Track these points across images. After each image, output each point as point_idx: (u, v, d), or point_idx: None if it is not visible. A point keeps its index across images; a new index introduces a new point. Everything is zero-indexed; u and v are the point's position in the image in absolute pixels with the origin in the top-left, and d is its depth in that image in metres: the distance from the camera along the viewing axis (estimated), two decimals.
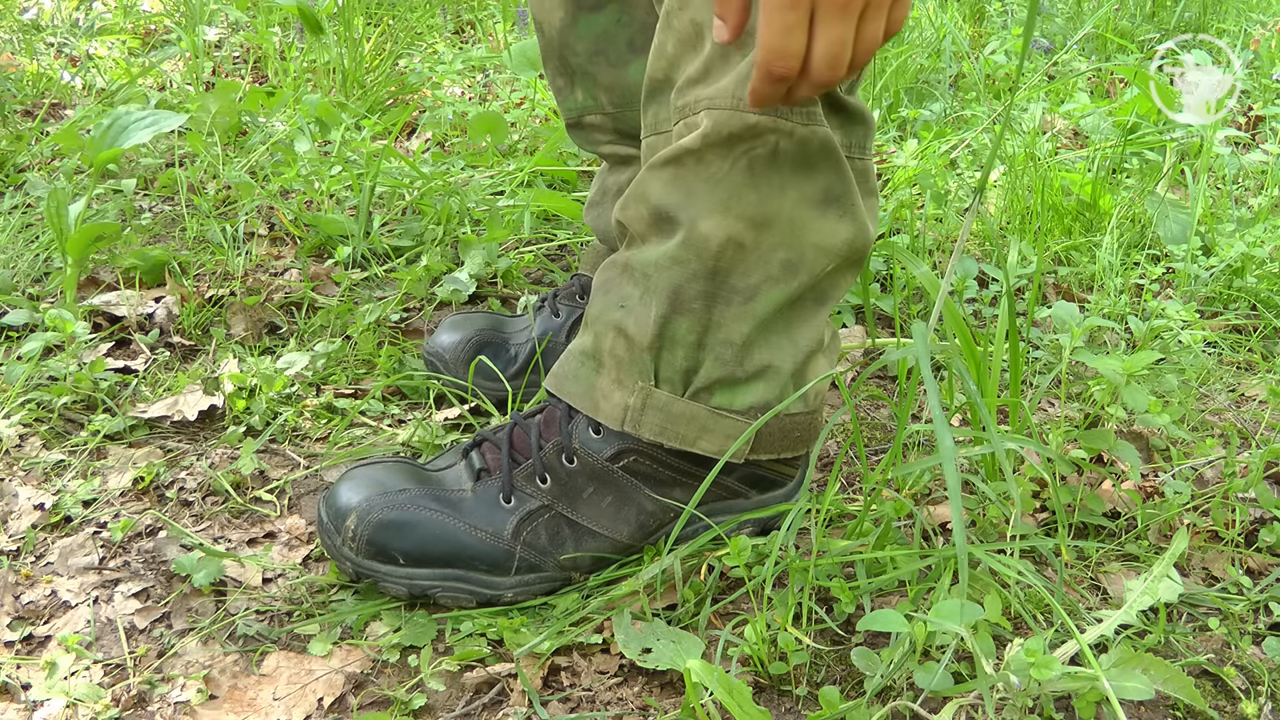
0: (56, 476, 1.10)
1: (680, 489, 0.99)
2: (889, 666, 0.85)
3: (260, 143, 1.75)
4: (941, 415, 0.83)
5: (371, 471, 0.97)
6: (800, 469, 1.05)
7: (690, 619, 0.94)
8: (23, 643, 0.91)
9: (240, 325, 1.36)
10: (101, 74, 2.10)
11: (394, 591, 0.94)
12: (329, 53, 2.04)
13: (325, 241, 1.54)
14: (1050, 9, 2.84)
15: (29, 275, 1.42)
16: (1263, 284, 1.55)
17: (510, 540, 0.95)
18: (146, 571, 0.99)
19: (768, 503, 1.03)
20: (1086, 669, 0.82)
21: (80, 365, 1.22)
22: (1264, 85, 2.31)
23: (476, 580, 0.94)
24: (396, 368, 1.28)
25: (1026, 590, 0.95)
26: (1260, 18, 2.80)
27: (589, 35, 1.15)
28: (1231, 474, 1.11)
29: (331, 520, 0.94)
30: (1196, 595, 1.00)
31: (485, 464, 0.98)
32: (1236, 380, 1.38)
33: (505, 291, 1.48)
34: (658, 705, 0.87)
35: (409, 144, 1.96)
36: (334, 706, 0.86)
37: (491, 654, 0.91)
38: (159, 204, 1.66)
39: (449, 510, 0.95)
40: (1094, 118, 1.95)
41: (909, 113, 2.07)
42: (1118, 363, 1.09)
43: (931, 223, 1.64)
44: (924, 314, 1.46)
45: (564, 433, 0.97)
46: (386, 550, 0.93)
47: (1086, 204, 1.71)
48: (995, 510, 1.03)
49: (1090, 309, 1.48)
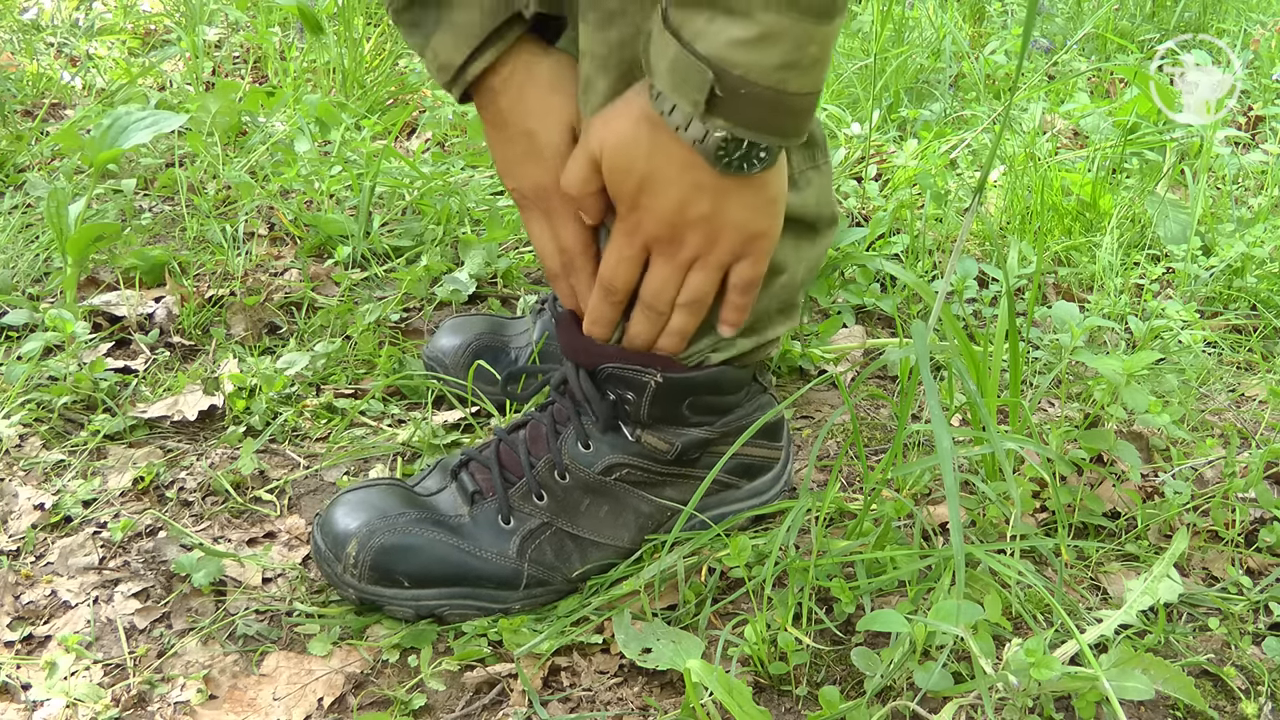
0: (56, 476, 1.10)
1: (673, 488, 0.99)
2: (889, 666, 0.85)
3: (260, 143, 1.75)
4: (940, 415, 0.83)
5: (365, 495, 0.96)
6: (784, 450, 1.05)
7: (690, 619, 0.94)
8: (23, 643, 0.91)
9: (240, 325, 1.36)
10: (101, 74, 2.10)
11: (401, 614, 0.93)
12: (329, 53, 2.04)
13: (325, 241, 1.54)
14: (1050, 9, 2.84)
15: (29, 275, 1.42)
16: (1263, 284, 1.55)
17: (516, 559, 0.94)
18: (146, 571, 0.99)
19: (758, 490, 1.04)
20: (1086, 669, 0.82)
21: (80, 365, 1.22)
22: (1264, 85, 2.31)
23: (485, 596, 0.94)
24: (396, 368, 1.28)
25: (1026, 590, 0.95)
26: (1260, 18, 2.80)
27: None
28: (1231, 474, 1.11)
29: (330, 549, 0.93)
30: (1196, 595, 1.00)
31: (478, 486, 0.97)
32: (1236, 380, 1.38)
33: (505, 292, 1.48)
34: (658, 705, 0.87)
35: (409, 144, 1.96)
36: (334, 706, 0.87)
37: (491, 654, 0.91)
38: (159, 204, 1.66)
39: (451, 535, 0.94)
40: (1094, 118, 1.95)
41: (909, 113, 2.07)
42: (1118, 363, 1.09)
43: (931, 223, 1.64)
44: (924, 314, 1.46)
45: (553, 449, 0.96)
46: (390, 574, 0.92)
47: (1086, 204, 1.71)
48: (995, 510, 1.03)
49: (1090, 309, 1.48)
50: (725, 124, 0.76)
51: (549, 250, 0.92)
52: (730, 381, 0.97)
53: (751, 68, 0.74)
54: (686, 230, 0.84)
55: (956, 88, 2.34)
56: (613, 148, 0.82)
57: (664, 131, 0.79)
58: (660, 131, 0.79)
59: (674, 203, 0.82)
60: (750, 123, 0.77)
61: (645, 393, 0.94)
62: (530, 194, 0.91)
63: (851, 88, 2.15)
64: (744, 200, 0.83)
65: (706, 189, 0.81)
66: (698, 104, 0.76)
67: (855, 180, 1.75)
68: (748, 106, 0.76)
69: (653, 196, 0.82)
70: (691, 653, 0.87)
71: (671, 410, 0.96)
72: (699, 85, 0.75)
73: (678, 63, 0.75)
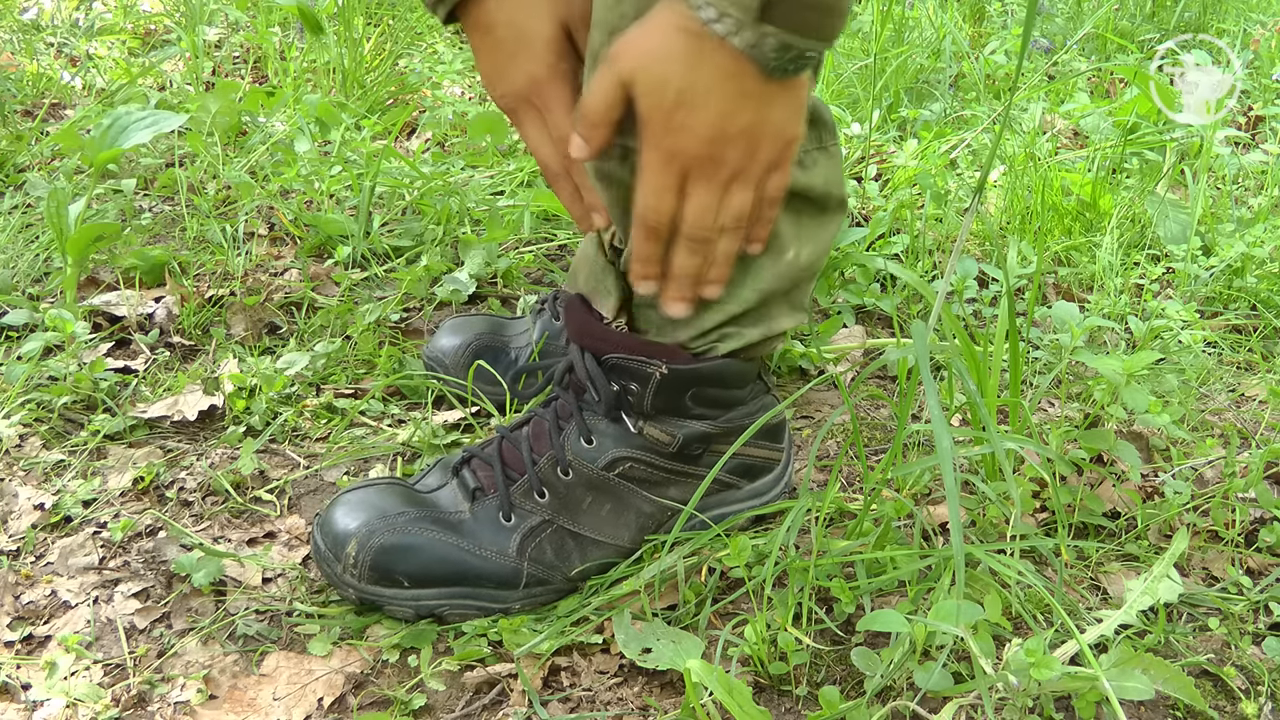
0: (56, 476, 1.10)
1: (675, 488, 0.99)
2: (889, 666, 0.85)
3: (260, 143, 1.75)
4: (940, 414, 0.83)
5: (365, 495, 0.96)
6: (785, 451, 1.05)
7: (690, 619, 0.94)
8: (23, 643, 0.91)
9: (240, 325, 1.36)
10: (101, 74, 2.10)
11: (401, 614, 0.93)
12: (329, 53, 2.04)
13: (325, 241, 1.54)
14: (1050, 9, 2.83)
15: (29, 275, 1.42)
16: (1263, 284, 1.55)
17: (516, 558, 0.94)
18: (146, 571, 0.99)
19: (759, 490, 1.04)
20: (1086, 669, 0.82)
21: (80, 365, 1.22)
22: (1264, 85, 2.31)
23: (484, 596, 0.94)
24: (396, 368, 1.28)
25: (1026, 590, 0.95)
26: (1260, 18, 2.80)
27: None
28: (1231, 474, 1.11)
29: (330, 548, 0.93)
30: (1196, 595, 1.00)
31: (479, 483, 0.96)
32: (1236, 380, 1.38)
33: (505, 291, 1.48)
34: (658, 705, 0.87)
35: (409, 144, 1.96)
36: (334, 706, 0.87)
37: (491, 654, 0.91)
38: (159, 204, 1.66)
39: (450, 533, 0.94)
40: (1094, 118, 1.95)
41: (909, 113, 2.07)
42: (1118, 363, 1.09)
43: (931, 223, 1.64)
44: (924, 314, 1.46)
45: (556, 445, 0.96)
46: (390, 574, 0.92)
47: (1086, 204, 1.71)
48: (995, 510, 1.03)
49: (1090, 309, 1.48)
50: (776, 29, 0.74)
51: (547, 149, 0.91)
52: (735, 374, 0.97)
53: None
54: (727, 145, 0.81)
55: (956, 88, 2.34)
56: (647, 65, 0.79)
57: (707, 41, 0.76)
58: (702, 41, 0.76)
59: (717, 116, 0.79)
60: (801, 27, 0.75)
61: (650, 384, 0.94)
62: (523, 90, 0.90)
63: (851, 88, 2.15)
64: (785, 103, 0.81)
65: (751, 97, 0.79)
66: (749, 9, 0.74)
67: (855, 180, 1.75)
68: (799, 10, 0.75)
69: (693, 112, 0.79)
70: (691, 653, 0.87)
71: (674, 401, 0.96)
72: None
73: None
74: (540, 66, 0.89)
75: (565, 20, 0.89)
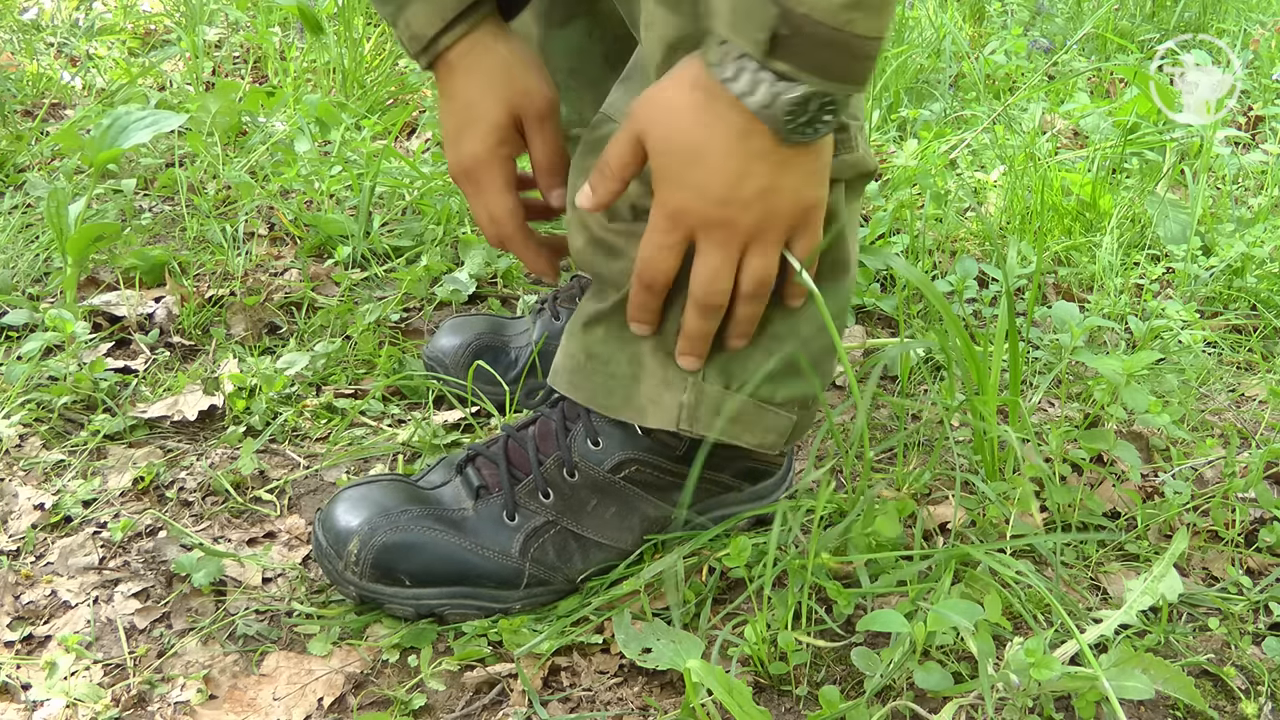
0: (56, 476, 1.10)
1: (680, 492, 0.99)
2: (889, 666, 0.86)
3: (260, 143, 1.75)
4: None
5: (367, 492, 0.95)
6: (787, 454, 1.05)
7: (690, 619, 0.94)
8: (23, 643, 0.91)
9: (240, 325, 1.36)
10: (101, 74, 2.10)
11: (401, 613, 0.93)
12: (329, 53, 2.04)
13: (325, 241, 1.54)
14: (1050, 9, 2.84)
15: (29, 275, 1.42)
16: (1263, 284, 1.55)
17: (518, 558, 0.94)
18: (146, 571, 0.99)
19: (761, 493, 1.04)
20: (1086, 669, 0.82)
21: (80, 365, 1.22)
22: (1264, 85, 2.31)
23: (485, 596, 0.93)
24: (396, 368, 1.28)
25: (1026, 590, 0.95)
26: (1260, 18, 2.80)
27: (563, 52, 1.15)
28: (1231, 474, 1.11)
29: (332, 545, 0.92)
30: (1196, 595, 1.00)
31: (484, 481, 0.96)
32: (1236, 380, 1.38)
33: (505, 292, 1.48)
34: (658, 705, 0.87)
35: (409, 144, 1.96)
36: (334, 706, 0.87)
37: (491, 654, 0.91)
38: (159, 204, 1.66)
39: (453, 530, 0.93)
40: (1094, 118, 1.95)
41: (909, 113, 2.07)
42: (1118, 363, 1.09)
43: (931, 223, 1.64)
44: (924, 314, 1.46)
45: (562, 446, 0.96)
46: (392, 572, 0.91)
47: (1086, 204, 1.71)
48: (995, 510, 1.03)
49: (1090, 309, 1.48)
50: (788, 68, 0.72)
51: (484, 222, 0.97)
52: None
53: (817, 5, 0.70)
54: (740, 209, 0.79)
55: (956, 88, 2.34)
56: (661, 119, 0.78)
57: (721, 99, 0.75)
58: (717, 99, 0.75)
59: (729, 176, 0.78)
60: (815, 67, 0.73)
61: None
62: (467, 164, 0.95)
63: None
64: (801, 168, 0.79)
65: (765, 159, 0.77)
66: (759, 43, 0.72)
67: None
68: (813, 48, 0.72)
69: (704, 171, 0.78)
70: (691, 653, 0.87)
71: None
72: (762, 23, 0.71)
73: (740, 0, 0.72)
74: (482, 147, 0.94)
75: (517, 110, 0.94)
